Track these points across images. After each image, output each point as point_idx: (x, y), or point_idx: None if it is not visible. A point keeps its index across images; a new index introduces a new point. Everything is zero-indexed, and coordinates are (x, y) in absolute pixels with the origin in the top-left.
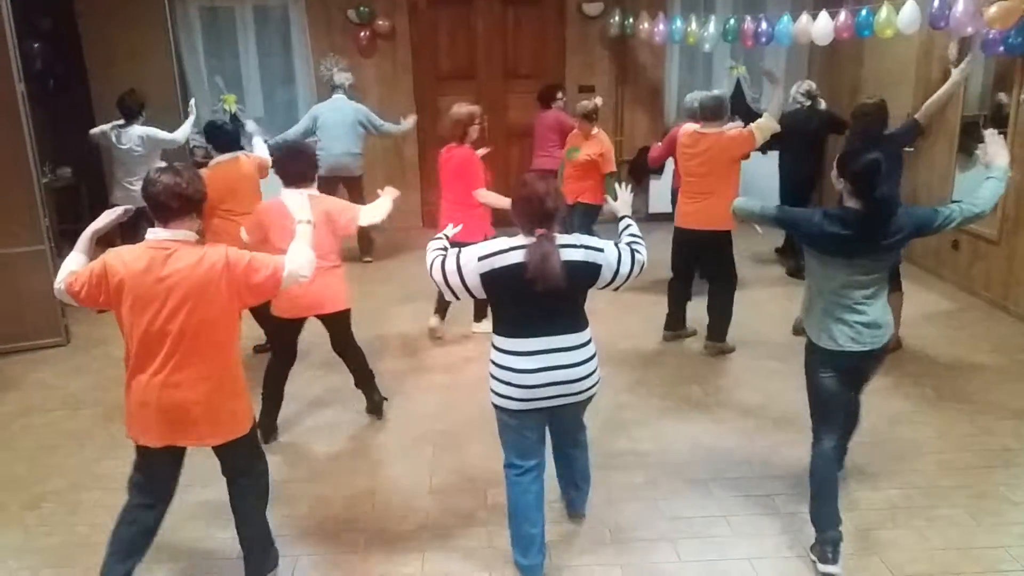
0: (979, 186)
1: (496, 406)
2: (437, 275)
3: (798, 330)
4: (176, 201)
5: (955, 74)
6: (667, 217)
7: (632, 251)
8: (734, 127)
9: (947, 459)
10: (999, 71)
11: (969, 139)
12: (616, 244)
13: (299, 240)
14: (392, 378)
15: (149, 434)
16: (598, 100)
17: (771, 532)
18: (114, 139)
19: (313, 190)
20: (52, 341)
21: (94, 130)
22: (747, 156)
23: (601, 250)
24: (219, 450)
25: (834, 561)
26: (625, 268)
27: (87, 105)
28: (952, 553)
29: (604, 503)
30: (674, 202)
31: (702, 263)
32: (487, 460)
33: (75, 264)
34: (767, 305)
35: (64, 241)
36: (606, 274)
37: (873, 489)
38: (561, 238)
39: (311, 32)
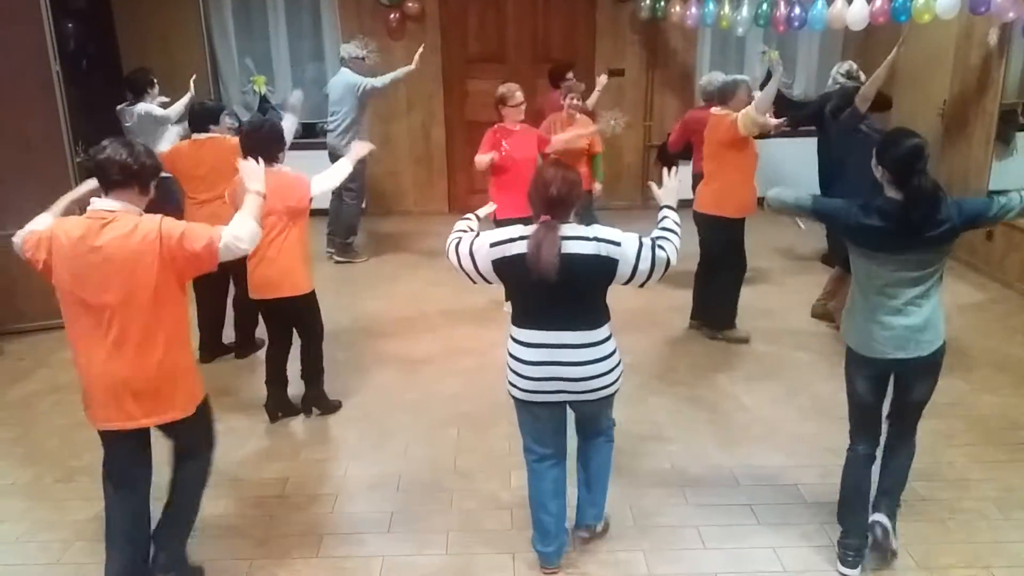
0: None
1: (509, 392)
2: (452, 258)
3: (818, 314)
4: (117, 171)
5: (892, 52)
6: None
7: (655, 247)
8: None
9: (975, 452)
10: None
11: (1008, 127)
12: (640, 238)
13: (245, 209)
14: (418, 362)
15: (104, 417)
16: (602, 78)
17: (797, 521)
18: (124, 118)
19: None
20: None
21: (118, 108)
22: (745, 144)
23: (618, 244)
24: (166, 429)
25: (853, 566)
26: (645, 265)
27: (119, 85)
28: (979, 546)
29: (628, 488)
30: (694, 187)
31: (703, 247)
32: (511, 442)
33: (39, 224)
34: (795, 294)
35: None
36: (624, 270)
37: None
38: (572, 229)
39: (341, 14)
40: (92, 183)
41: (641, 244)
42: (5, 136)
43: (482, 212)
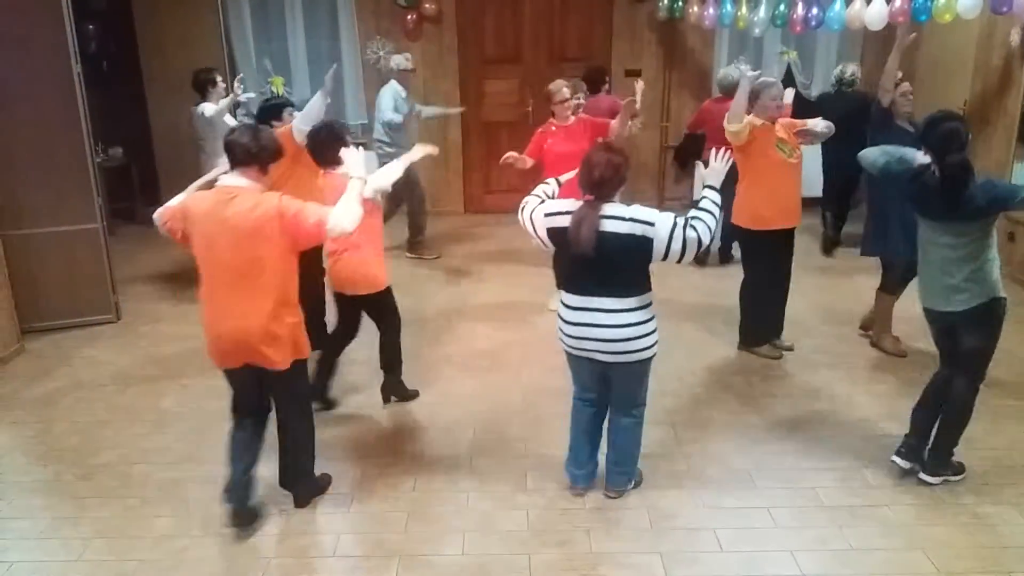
0: None
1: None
2: (521, 219)
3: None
4: (241, 152)
5: (895, 48)
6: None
7: (687, 226)
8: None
9: (996, 455)
10: None
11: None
12: (675, 218)
13: (348, 195)
14: (434, 362)
15: (222, 359)
16: (639, 84)
17: (814, 525)
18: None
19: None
20: (103, 318)
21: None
22: (749, 151)
23: (652, 224)
24: (277, 377)
25: (899, 455)
26: (677, 245)
27: (139, 87)
28: (999, 551)
29: (646, 489)
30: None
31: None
32: (527, 443)
33: (174, 202)
34: (814, 296)
35: (116, 220)
36: (658, 248)
37: (918, 483)
38: (612, 208)
39: (359, 15)
40: (218, 170)
41: (675, 224)
42: (26, 136)
43: (563, 178)
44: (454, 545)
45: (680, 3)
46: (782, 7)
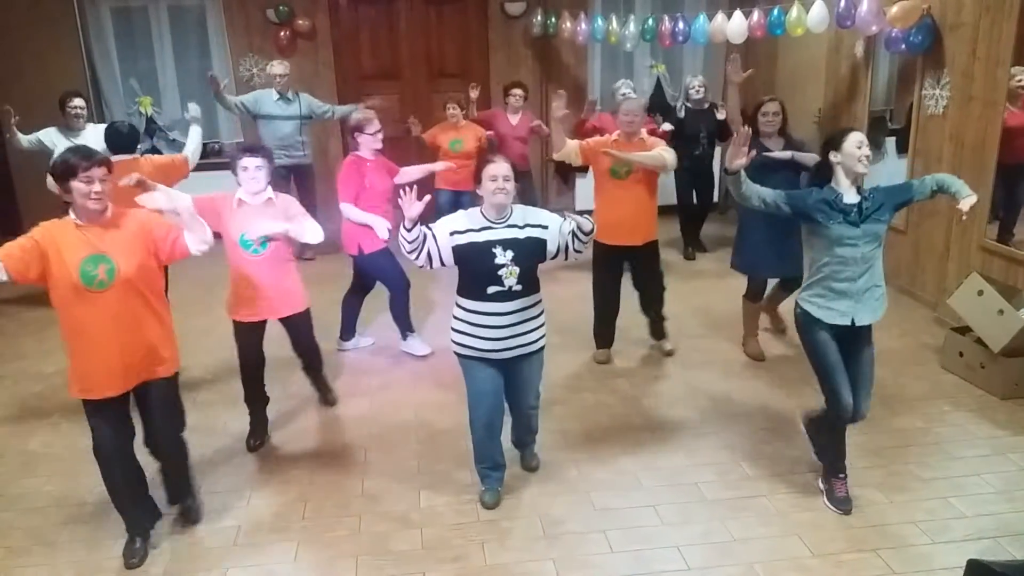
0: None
1: None
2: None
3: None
4: None
5: (729, 85)
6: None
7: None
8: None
9: (860, 441)
10: (902, 69)
11: (878, 132)
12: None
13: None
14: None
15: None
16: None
17: (698, 520)
18: None
19: None
20: None
21: None
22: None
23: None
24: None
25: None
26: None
27: None
28: (866, 531)
29: (537, 496)
30: None
31: None
32: (420, 461)
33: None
34: (691, 299)
35: None
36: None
37: (791, 472)
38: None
39: (229, 32)
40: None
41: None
42: None
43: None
44: (347, 571)
45: (553, 19)
46: (650, 22)
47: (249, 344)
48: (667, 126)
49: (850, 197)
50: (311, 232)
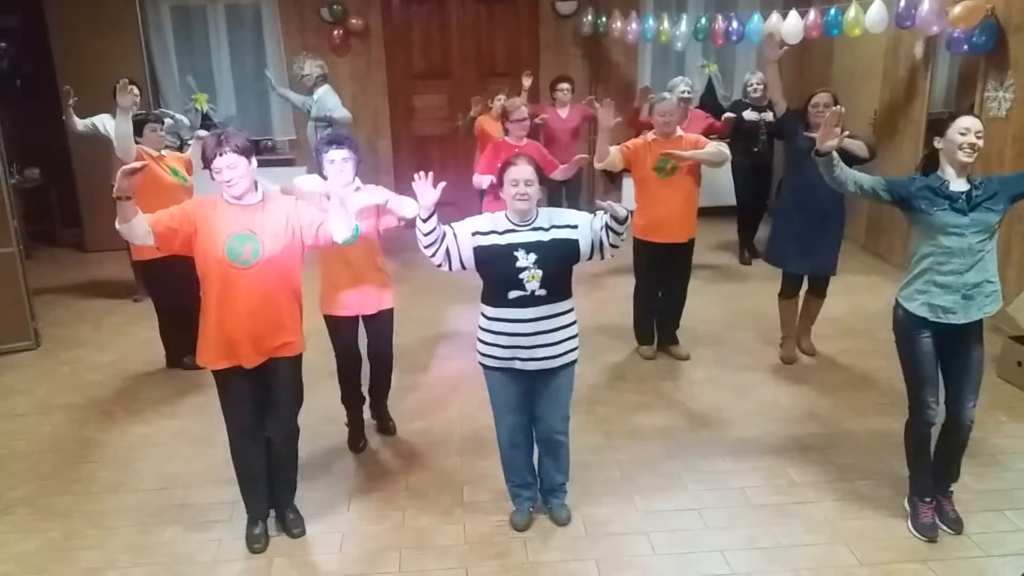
0: None
1: None
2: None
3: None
4: None
5: (766, 63)
6: None
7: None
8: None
9: None
10: (964, 70)
11: (935, 136)
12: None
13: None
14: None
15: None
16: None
17: (743, 524)
18: None
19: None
20: (21, 345)
21: None
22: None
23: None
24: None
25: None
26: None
27: (56, 106)
28: (916, 541)
29: (580, 497)
30: None
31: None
32: (462, 458)
33: None
34: (734, 302)
35: (34, 243)
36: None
37: (840, 479)
38: None
39: (284, 31)
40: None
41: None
42: None
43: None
44: (391, 563)
45: (604, 19)
46: (703, 21)
47: (346, 340)
48: (730, 114)
49: (957, 185)
50: (408, 206)
